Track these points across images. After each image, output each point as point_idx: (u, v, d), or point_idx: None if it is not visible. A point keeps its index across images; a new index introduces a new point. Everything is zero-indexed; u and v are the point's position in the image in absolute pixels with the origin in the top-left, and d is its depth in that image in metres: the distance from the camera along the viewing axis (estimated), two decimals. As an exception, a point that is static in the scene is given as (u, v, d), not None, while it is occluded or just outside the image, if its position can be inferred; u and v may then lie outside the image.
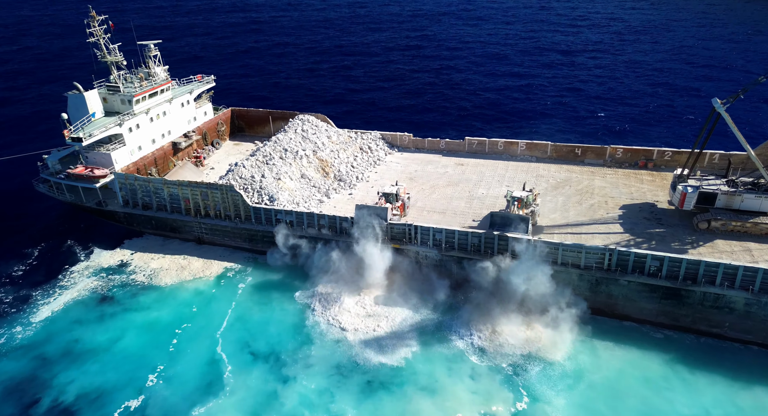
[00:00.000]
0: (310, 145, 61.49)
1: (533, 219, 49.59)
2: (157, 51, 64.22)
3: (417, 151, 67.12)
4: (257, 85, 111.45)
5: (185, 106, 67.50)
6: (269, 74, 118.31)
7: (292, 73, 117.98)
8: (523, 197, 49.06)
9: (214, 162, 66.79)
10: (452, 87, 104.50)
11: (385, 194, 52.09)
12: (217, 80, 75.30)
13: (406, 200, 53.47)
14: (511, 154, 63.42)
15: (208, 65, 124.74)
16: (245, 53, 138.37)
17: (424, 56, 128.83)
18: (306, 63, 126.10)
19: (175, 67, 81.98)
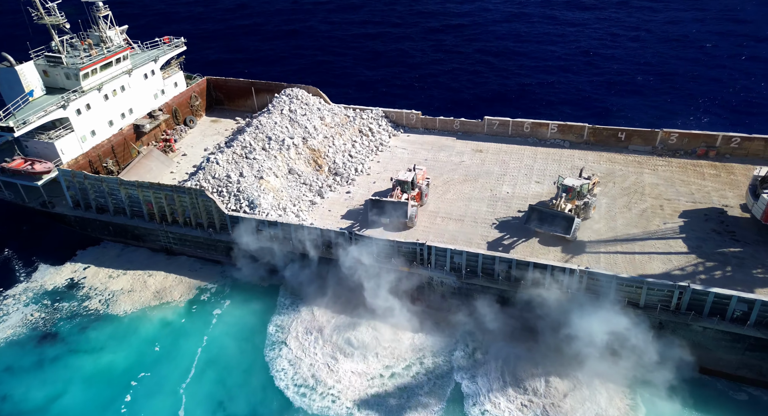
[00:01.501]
0: (299, 130, 50.35)
1: (586, 214, 40.71)
2: (107, 10, 51.69)
3: (426, 132, 56.03)
4: (239, 48, 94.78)
5: (149, 77, 55.70)
6: (255, 36, 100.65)
7: (282, 36, 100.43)
8: (575, 186, 39.68)
9: (187, 146, 55.87)
10: (471, 61, 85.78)
11: (399, 181, 42.70)
12: (191, 44, 62.87)
13: (424, 187, 44.03)
14: (539, 137, 52.47)
15: (179, 23, 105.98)
16: (229, 13, 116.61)
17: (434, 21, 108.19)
18: (301, 23, 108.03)
19: (135, 28, 68.94)
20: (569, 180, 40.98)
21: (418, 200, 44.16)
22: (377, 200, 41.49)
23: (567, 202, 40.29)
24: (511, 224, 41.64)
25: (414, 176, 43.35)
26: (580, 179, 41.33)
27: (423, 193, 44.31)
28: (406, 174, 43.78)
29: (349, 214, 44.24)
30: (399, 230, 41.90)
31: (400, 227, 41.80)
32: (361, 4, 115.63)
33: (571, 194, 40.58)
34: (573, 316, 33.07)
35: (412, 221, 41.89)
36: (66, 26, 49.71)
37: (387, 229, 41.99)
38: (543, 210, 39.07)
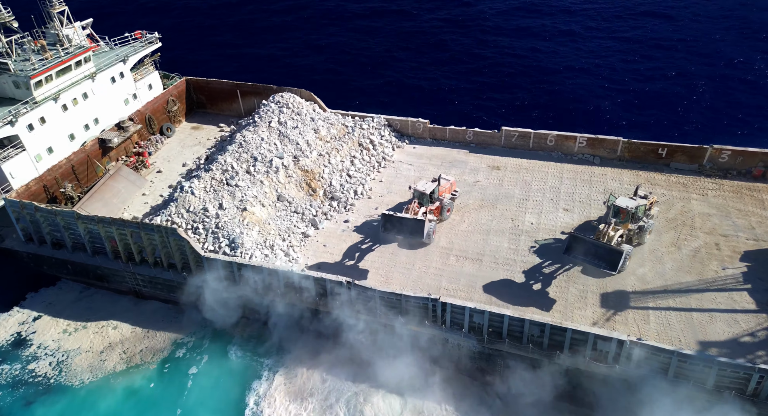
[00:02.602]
0: (290, 147, 42.90)
1: (640, 239, 34.80)
2: (63, 5, 43.63)
3: (435, 143, 48.61)
4: (223, 44, 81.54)
5: (118, 81, 47.95)
6: (243, 30, 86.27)
7: (274, 30, 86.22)
8: (630, 208, 33.34)
9: (163, 160, 48.47)
10: (486, 63, 72.83)
11: (417, 193, 37.25)
12: (167, 39, 54.78)
13: (446, 201, 38.22)
14: (564, 152, 45.18)
15: (153, 17, 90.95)
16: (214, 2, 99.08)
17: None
18: (294, 19, 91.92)
19: (102, 21, 60.58)
20: (623, 201, 33.98)
21: (437, 214, 38.21)
22: (391, 215, 35.52)
23: (618, 226, 33.53)
24: (538, 267, 34.86)
25: (435, 188, 37.37)
26: (636, 199, 34.37)
27: (444, 207, 38.40)
28: (426, 185, 37.61)
29: (349, 251, 37.36)
30: (414, 247, 36.92)
31: (416, 245, 36.84)
32: None
33: (624, 217, 33.80)
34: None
35: (429, 238, 36.36)
36: (14, 25, 41.85)
37: (401, 246, 37.16)
38: (587, 240, 32.28)
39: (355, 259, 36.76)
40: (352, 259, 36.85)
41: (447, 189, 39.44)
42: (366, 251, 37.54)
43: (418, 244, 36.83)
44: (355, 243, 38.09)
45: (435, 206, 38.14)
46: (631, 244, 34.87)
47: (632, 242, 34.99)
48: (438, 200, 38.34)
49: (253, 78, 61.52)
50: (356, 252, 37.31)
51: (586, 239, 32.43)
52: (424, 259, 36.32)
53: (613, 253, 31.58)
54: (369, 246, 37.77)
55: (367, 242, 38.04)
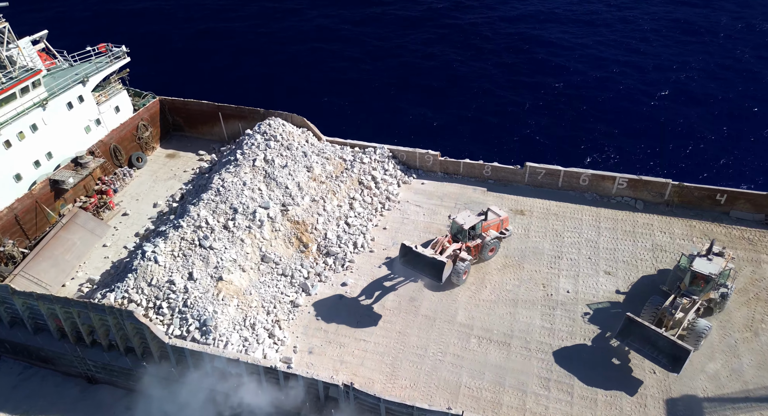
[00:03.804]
0: (277, 193, 35.28)
1: (721, 306, 28.07)
2: (2, 22, 35.54)
3: (447, 179, 41.09)
4: (205, 58, 69.56)
5: (76, 106, 40.04)
6: (228, 43, 72.52)
7: (264, 47, 72.49)
8: (713, 274, 26.43)
9: (131, 198, 40.81)
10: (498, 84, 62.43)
11: (456, 225, 31.63)
12: (139, 52, 46.69)
13: (490, 240, 31.95)
14: (600, 193, 37.74)
15: (119, 26, 77.04)
16: (195, 12, 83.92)
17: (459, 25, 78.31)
18: (283, 34, 77.51)
19: (58, 33, 51.81)
20: (701, 264, 26.63)
21: (475, 254, 32.22)
22: (410, 248, 29.94)
23: (695, 295, 26.57)
24: (581, 355, 27.72)
25: (478, 222, 31.65)
26: (714, 260, 27.00)
27: (486, 247, 32.24)
28: (468, 217, 31.69)
29: (346, 327, 30.03)
30: (437, 289, 31.62)
31: (442, 285, 30.97)
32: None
33: (703, 285, 26.63)
34: None
35: (459, 279, 31.34)
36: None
37: (426, 285, 32.09)
38: (646, 327, 25.20)
39: (355, 339, 29.57)
40: (351, 338, 29.66)
41: (495, 226, 33.12)
42: (367, 325, 30.36)
43: (446, 283, 30.96)
44: (354, 313, 30.88)
45: (475, 243, 32.00)
46: (711, 314, 27.87)
47: (713, 312, 27.95)
48: (480, 236, 32.18)
49: (239, 97, 53.80)
50: (356, 328, 30.09)
51: (645, 326, 25.34)
52: (439, 340, 29.07)
53: (676, 349, 24.51)
54: (371, 319, 30.56)
55: (368, 315, 30.82)
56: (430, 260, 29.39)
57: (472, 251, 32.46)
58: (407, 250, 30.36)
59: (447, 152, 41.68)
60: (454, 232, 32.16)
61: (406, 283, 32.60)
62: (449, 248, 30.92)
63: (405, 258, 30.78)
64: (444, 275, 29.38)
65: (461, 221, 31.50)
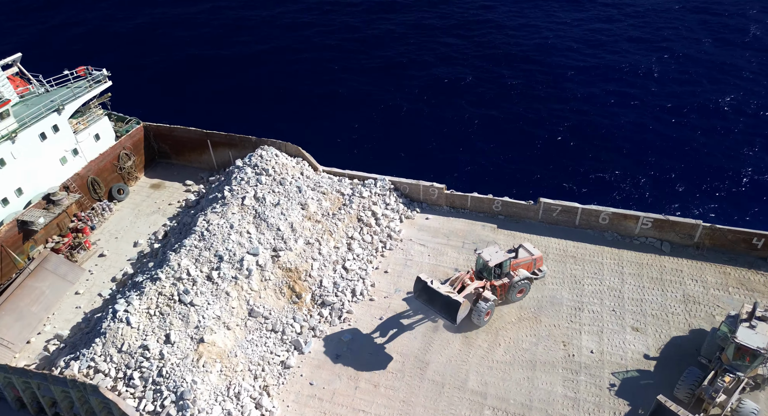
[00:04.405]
0: (268, 236, 31.64)
1: (765, 384, 24.03)
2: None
3: (454, 214, 37.52)
4: (193, 80, 64.29)
5: (50, 137, 36.49)
6: (215, 75, 65.70)
7: (258, 67, 67.11)
8: (760, 349, 22.60)
9: (110, 236, 37.13)
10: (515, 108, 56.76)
11: (482, 261, 28.64)
12: (122, 77, 43.23)
13: (521, 280, 29.14)
14: (621, 233, 34.16)
15: (101, 48, 71.65)
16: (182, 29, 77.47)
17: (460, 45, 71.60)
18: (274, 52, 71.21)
19: (35, 55, 48.29)
20: (746, 334, 22.80)
21: (501, 294, 29.51)
22: (425, 284, 27.46)
23: (746, 372, 22.93)
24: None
25: (507, 260, 28.74)
26: (760, 328, 23.25)
27: (515, 288, 29.23)
28: (497, 253, 28.78)
29: (343, 394, 26.37)
30: (455, 329, 28.88)
31: (462, 325, 28.00)
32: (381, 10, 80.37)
33: (748, 358, 22.88)
34: None
35: (480, 320, 28.46)
36: None
37: (444, 325, 29.33)
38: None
39: (353, 410, 25.86)
40: (349, 408, 25.95)
41: (527, 265, 29.91)
42: (367, 392, 26.67)
43: (465, 322, 28.23)
44: (353, 376, 27.22)
45: (501, 282, 28.82)
46: (758, 389, 24.27)
47: (760, 388, 24.36)
48: (508, 275, 29.02)
49: (230, 121, 50.29)
50: (354, 395, 26.41)
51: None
52: (448, 411, 25.40)
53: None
54: (371, 384, 26.88)
55: (368, 378, 27.16)
56: (444, 299, 26.64)
57: (498, 291, 29.18)
58: (423, 285, 27.70)
59: (453, 184, 38.18)
60: (478, 268, 29.18)
61: (412, 334, 29.00)
62: (470, 285, 28.04)
63: (419, 293, 28.12)
64: (459, 317, 26.56)
65: (487, 257, 28.46)
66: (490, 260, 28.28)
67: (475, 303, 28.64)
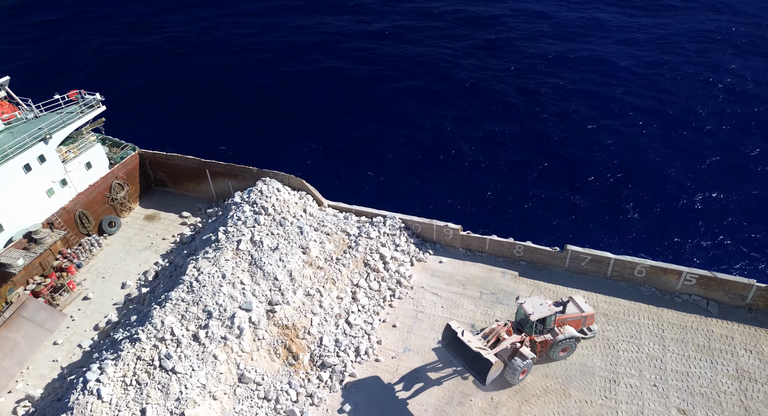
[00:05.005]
0: (263, 287, 28.20)
1: None
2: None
3: (470, 257, 33.77)
4: (197, 102, 60.65)
5: (36, 168, 33.57)
6: (216, 100, 61.51)
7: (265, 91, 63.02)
8: None
9: (96, 275, 34.02)
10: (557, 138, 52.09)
11: (523, 312, 25.44)
12: (117, 101, 40.40)
13: (566, 339, 25.72)
14: (660, 288, 30.14)
15: (96, 72, 67.81)
16: (164, 54, 72.80)
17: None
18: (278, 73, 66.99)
19: (25, 78, 45.12)
20: None
21: (542, 351, 26.13)
22: (455, 333, 24.58)
23: None
24: None
25: (552, 315, 25.30)
26: None
27: (558, 346, 25.83)
28: (541, 306, 25.32)
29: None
30: (481, 387, 25.51)
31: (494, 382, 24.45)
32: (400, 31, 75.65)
33: None
34: None
35: (515, 378, 25.21)
36: None
37: (474, 382, 25.99)
38: None
39: None
40: None
41: (575, 322, 26.24)
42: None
43: (499, 380, 25.27)
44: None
45: (543, 338, 25.42)
46: None
47: None
48: (551, 331, 25.59)
49: (233, 149, 46.90)
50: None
51: None
52: None
53: None
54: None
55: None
56: (474, 355, 23.45)
57: (538, 348, 25.70)
58: (452, 334, 24.59)
59: (470, 225, 34.44)
60: (518, 320, 25.93)
61: (420, 402, 25.30)
62: (507, 340, 24.79)
63: (448, 342, 25.22)
64: (489, 378, 23.37)
65: (530, 309, 25.04)
66: (533, 314, 24.85)
67: (510, 358, 25.28)
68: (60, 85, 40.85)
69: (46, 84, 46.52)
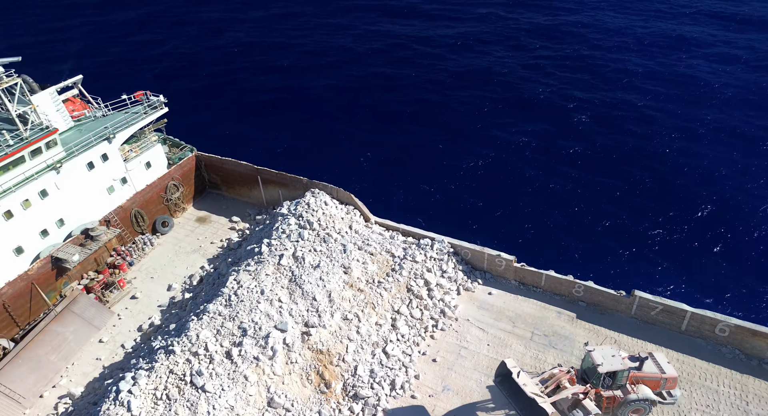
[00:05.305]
0: (301, 307, 27.06)
1: None
2: (14, 78, 30.43)
3: (523, 291, 31.06)
4: (259, 113, 60.32)
5: (99, 166, 34.61)
6: (280, 109, 61.30)
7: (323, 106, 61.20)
8: None
9: (145, 275, 34.54)
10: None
11: (589, 361, 22.72)
12: (181, 101, 41.11)
13: (638, 399, 22.46)
14: (747, 353, 26.00)
15: (163, 73, 70.14)
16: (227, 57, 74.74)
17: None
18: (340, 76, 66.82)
19: (94, 77, 46.27)
20: None
21: (608, 408, 23.06)
22: (509, 375, 22.45)
23: None
24: None
25: (626, 371, 22.23)
26: None
27: (628, 405, 22.59)
28: (613, 358, 22.27)
29: None
30: None
31: None
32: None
33: None
34: None
35: None
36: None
37: None
38: None
39: None
40: None
41: (653, 382, 23.02)
42: None
43: None
44: None
45: (611, 394, 22.64)
46: None
47: None
48: (623, 388, 22.80)
49: (288, 153, 46.29)
50: None
51: None
52: None
53: None
54: None
55: None
56: (528, 401, 21.23)
57: (604, 404, 22.85)
58: (507, 373, 22.67)
59: (525, 256, 31.67)
60: (584, 368, 23.30)
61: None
62: (569, 389, 22.23)
63: (501, 380, 23.21)
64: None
65: (599, 359, 22.27)
66: (602, 365, 22.01)
67: (570, 410, 22.64)
68: (128, 84, 42.07)
69: (116, 82, 48.33)
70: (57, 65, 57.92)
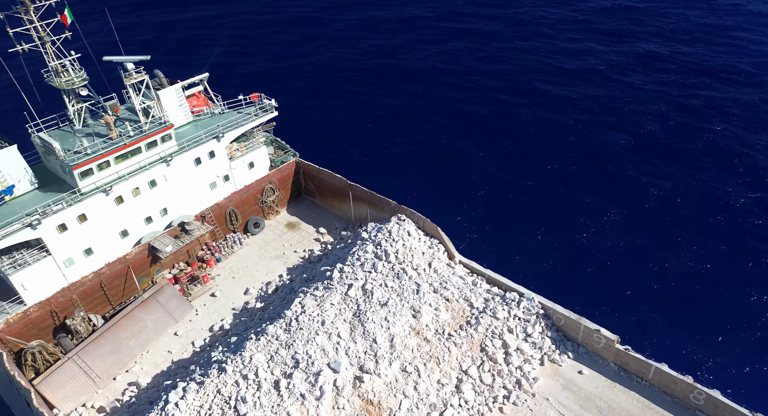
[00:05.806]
0: (359, 347, 24.73)
1: None
2: (141, 74, 32.31)
3: (623, 380, 25.45)
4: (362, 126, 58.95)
5: (205, 162, 35.93)
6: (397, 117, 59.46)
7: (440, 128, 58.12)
8: None
9: (228, 274, 35.07)
10: None
11: None
12: (294, 104, 41.29)
13: None
14: None
15: (273, 74, 70.67)
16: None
17: None
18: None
19: (219, 79, 47.49)
20: None
21: None
22: None
23: None
24: None
25: None
26: None
27: None
28: None
29: None
30: None
31: None
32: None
33: None
34: None
35: None
36: (82, 92, 32.06)
37: None
38: None
39: None
40: None
41: None
42: None
43: None
44: None
45: None
46: None
47: None
48: None
49: (385, 171, 44.04)
50: None
51: None
52: None
53: None
54: None
55: None
56: None
57: None
58: None
59: (631, 338, 25.97)
60: None
61: None
62: None
63: None
64: None
65: None
66: None
67: None
68: (246, 85, 43.31)
69: (237, 81, 49.99)
70: (200, 60, 62.20)
